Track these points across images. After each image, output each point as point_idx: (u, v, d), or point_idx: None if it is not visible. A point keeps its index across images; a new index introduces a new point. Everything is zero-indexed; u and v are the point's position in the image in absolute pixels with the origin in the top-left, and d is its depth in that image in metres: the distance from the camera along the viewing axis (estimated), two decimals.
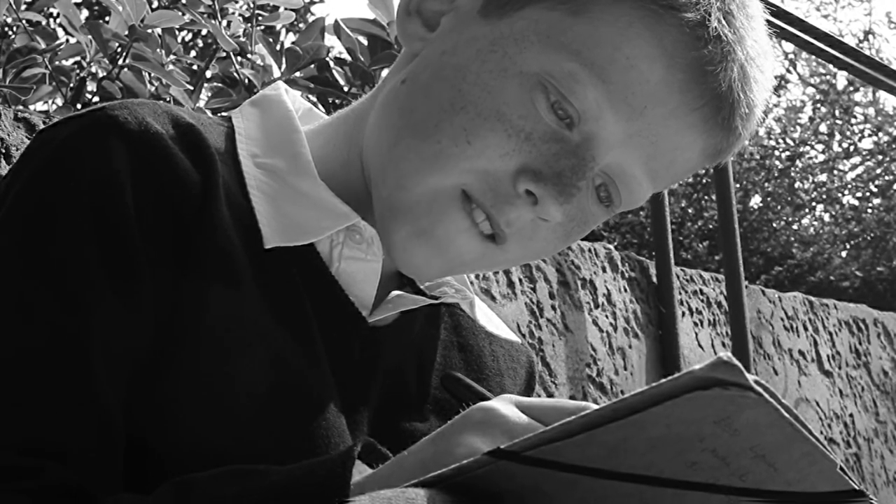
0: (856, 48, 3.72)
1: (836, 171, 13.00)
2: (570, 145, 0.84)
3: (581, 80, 0.83)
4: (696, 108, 0.85)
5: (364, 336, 0.90)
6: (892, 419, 3.55)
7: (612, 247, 2.62)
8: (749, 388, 0.59)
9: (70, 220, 0.78)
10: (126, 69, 1.80)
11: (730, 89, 0.86)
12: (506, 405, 0.72)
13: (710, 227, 10.38)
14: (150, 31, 1.77)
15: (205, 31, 2.27)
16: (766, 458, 0.64)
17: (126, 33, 1.77)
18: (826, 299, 3.47)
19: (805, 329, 3.25)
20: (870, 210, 12.54)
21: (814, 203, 12.67)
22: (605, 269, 2.53)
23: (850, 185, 12.97)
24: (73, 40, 1.92)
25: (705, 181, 10.21)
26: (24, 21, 1.85)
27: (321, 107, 2.03)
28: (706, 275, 2.94)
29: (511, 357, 1.04)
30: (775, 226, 11.58)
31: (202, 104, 1.95)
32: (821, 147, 13.28)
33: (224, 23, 1.91)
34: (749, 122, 0.90)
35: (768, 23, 0.92)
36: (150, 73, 1.83)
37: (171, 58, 1.90)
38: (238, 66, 1.93)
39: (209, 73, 2.10)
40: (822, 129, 13.30)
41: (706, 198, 10.52)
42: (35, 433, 0.74)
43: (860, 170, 13.19)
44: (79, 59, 1.90)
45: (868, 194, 12.87)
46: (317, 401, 0.83)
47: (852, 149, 13.31)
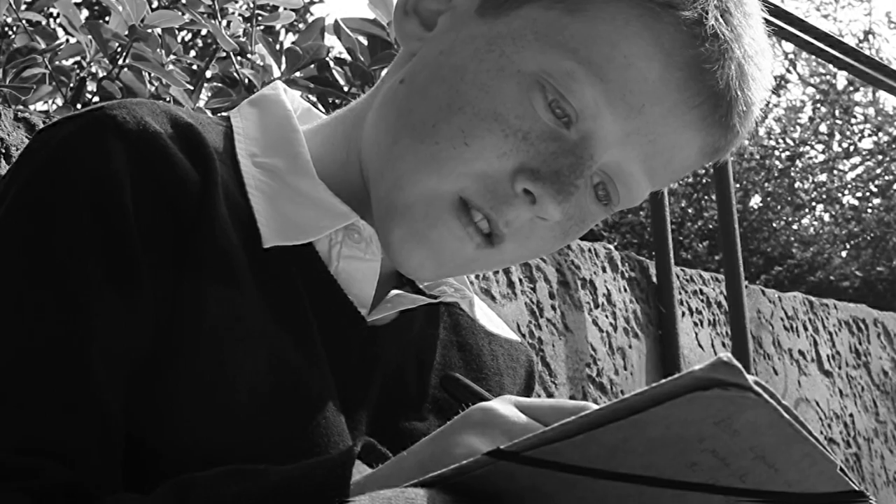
0: (856, 48, 3.73)
1: (836, 171, 12.99)
2: (567, 144, 0.84)
3: (579, 79, 0.83)
4: (694, 106, 0.85)
5: (363, 335, 0.90)
6: (892, 419, 3.55)
7: (611, 247, 2.62)
8: (749, 389, 0.59)
9: (69, 220, 0.78)
10: (126, 69, 1.80)
11: (727, 87, 0.85)
12: (505, 405, 0.72)
13: (710, 227, 10.37)
14: (150, 31, 1.77)
15: (205, 31, 2.27)
16: (766, 458, 0.64)
17: (126, 33, 1.77)
18: (826, 299, 3.47)
19: (805, 329, 3.25)
20: (870, 210, 12.53)
21: (814, 203, 12.66)
22: (605, 269, 2.53)
23: (850, 185, 12.96)
24: (73, 40, 1.92)
25: (705, 181, 10.20)
26: (24, 21, 1.85)
27: (321, 107, 2.03)
28: (706, 275, 2.94)
29: (510, 356, 1.04)
30: (775, 226, 11.57)
31: (202, 104, 1.95)
32: (821, 147, 13.28)
33: (224, 23, 1.91)
34: (747, 120, 0.89)
35: (768, 22, 0.92)
36: (150, 73, 1.83)
37: (171, 58, 1.90)
38: (238, 66, 1.93)
39: (209, 73, 2.10)
40: (822, 129, 13.29)
41: (706, 198, 10.51)
42: (35, 433, 0.74)
43: (860, 170, 13.18)
44: (79, 59, 1.90)
45: (868, 194, 12.86)
46: (316, 400, 0.83)
47: (852, 149, 13.30)
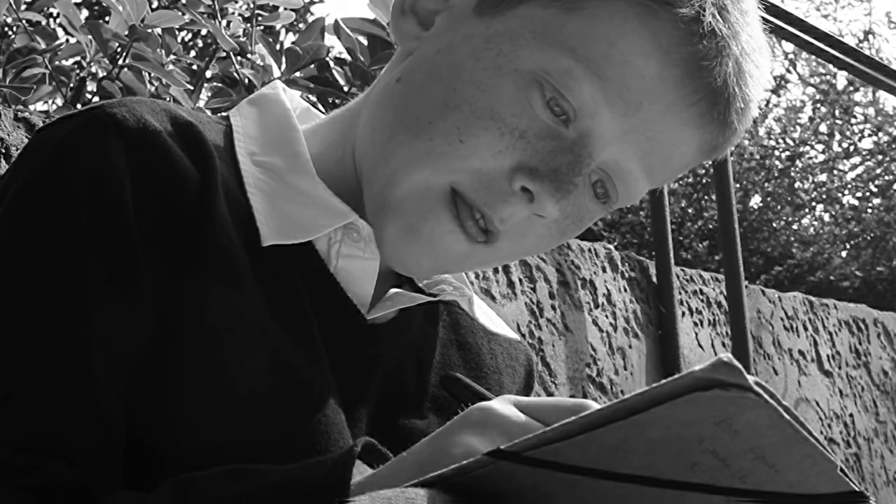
0: (856, 48, 3.73)
1: (836, 171, 12.99)
2: (566, 142, 0.84)
3: (577, 77, 0.83)
4: (692, 104, 0.85)
5: (363, 334, 0.90)
6: (892, 419, 3.55)
7: (611, 247, 2.62)
8: (749, 390, 0.59)
9: (69, 219, 0.78)
10: (126, 69, 1.80)
11: (725, 84, 0.85)
12: (504, 405, 0.72)
13: (710, 227, 10.37)
14: (150, 31, 1.77)
15: (204, 31, 2.27)
16: (766, 459, 0.63)
17: (126, 33, 1.77)
18: (826, 299, 3.47)
19: (805, 329, 3.25)
20: (870, 210, 12.53)
21: (814, 203, 12.66)
22: (605, 269, 2.53)
23: (850, 185, 12.96)
24: (73, 40, 1.92)
25: (705, 181, 10.20)
26: (24, 21, 1.85)
27: (321, 107, 2.03)
28: (706, 275, 2.94)
29: (510, 355, 1.04)
30: (775, 226, 11.57)
31: (202, 104, 1.95)
32: (821, 147, 13.27)
33: (224, 23, 1.91)
34: (745, 117, 0.89)
35: (769, 22, 0.92)
36: (150, 73, 1.83)
37: (171, 58, 1.90)
38: (238, 66, 1.93)
39: (209, 73, 2.10)
40: (822, 129, 13.29)
41: (706, 198, 10.51)
42: (35, 431, 0.74)
43: (860, 170, 13.18)
44: (79, 59, 1.90)
45: (868, 194, 12.86)
46: (316, 399, 0.83)
47: (852, 149, 13.30)
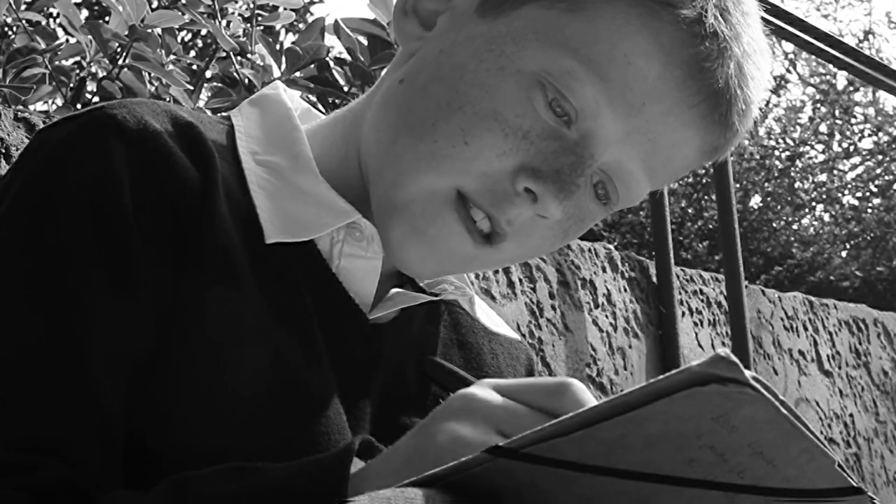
0: (856, 48, 3.72)
1: (836, 171, 12.99)
2: (568, 143, 0.84)
3: (579, 78, 0.83)
4: (694, 105, 0.85)
5: (365, 333, 0.90)
6: (892, 419, 3.55)
7: (611, 247, 2.62)
8: (747, 385, 0.59)
9: (69, 220, 0.78)
10: (126, 69, 1.80)
11: (727, 85, 0.86)
12: (485, 390, 0.72)
13: (710, 227, 10.37)
14: (150, 31, 1.77)
15: (205, 31, 2.27)
16: (764, 454, 0.64)
17: (126, 33, 1.77)
18: (826, 299, 3.46)
19: (805, 329, 3.25)
20: (870, 210, 12.53)
21: (814, 203, 12.66)
22: (605, 269, 2.53)
23: (850, 185, 12.96)
24: (73, 40, 1.92)
25: (705, 181, 10.20)
26: (24, 21, 1.85)
27: (321, 107, 2.03)
28: (706, 275, 2.94)
29: (510, 355, 1.04)
30: (775, 226, 11.57)
31: (202, 104, 1.95)
32: (821, 147, 13.27)
33: (224, 23, 1.91)
34: (746, 119, 0.90)
35: (769, 22, 0.92)
36: (150, 73, 1.83)
37: (171, 58, 1.90)
38: (238, 66, 1.93)
39: (209, 73, 2.10)
40: (822, 129, 13.28)
41: (706, 198, 10.51)
42: (34, 430, 0.74)
43: (860, 170, 13.18)
44: (79, 59, 1.90)
45: (868, 194, 12.85)
46: (317, 398, 0.83)
47: (852, 149, 13.29)
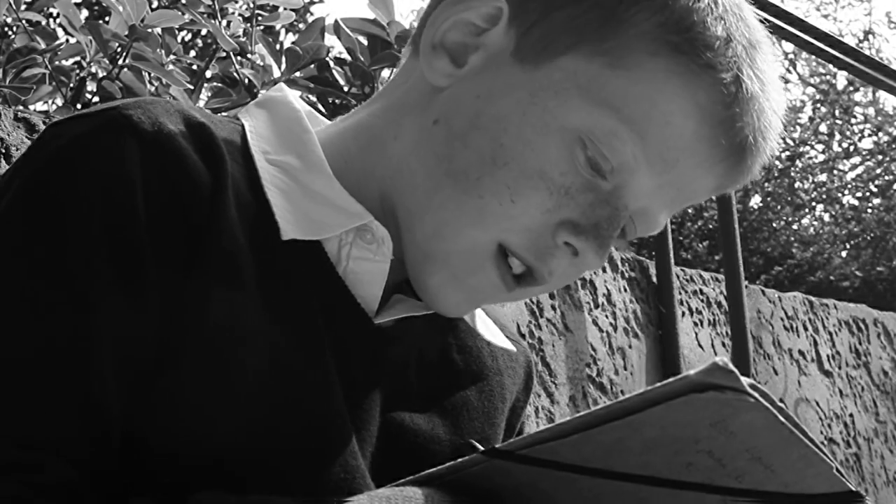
0: (856, 48, 3.71)
1: (836, 171, 13.00)
2: (602, 194, 0.87)
3: (621, 137, 0.85)
4: (722, 160, 0.88)
5: (371, 336, 0.90)
6: (892, 419, 3.55)
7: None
8: (745, 392, 0.59)
9: (79, 218, 0.78)
10: (126, 69, 1.80)
11: (754, 140, 0.89)
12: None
13: (710, 227, 10.37)
14: (150, 31, 1.77)
15: (205, 31, 2.27)
16: (762, 459, 0.64)
17: (126, 33, 1.77)
18: (826, 299, 3.46)
19: (805, 329, 3.25)
20: (870, 210, 12.53)
21: (814, 203, 12.67)
22: (604, 269, 2.53)
23: (850, 185, 12.97)
24: (73, 40, 1.92)
25: None
26: (24, 21, 1.85)
27: (321, 107, 2.03)
28: (706, 275, 2.93)
29: (510, 356, 1.05)
30: (775, 226, 11.57)
31: (202, 104, 1.95)
32: (821, 147, 13.28)
33: (224, 23, 1.91)
34: (759, 168, 0.94)
35: (769, 22, 0.94)
36: (150, 73, 1.83)
37: (171, 58, 1.90)
38: (238, 66, 1.93)
39: (209, 73, 2.10)
40: (822, 129, 13.29)
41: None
42: (38, 430, 0.74)
43: (860, 170, 13.19)
44: (79, 59, 1.90)
45: (868, 194, 12.86)
46: (322, 401, 0.83)
47: (852, 149, 13.30)
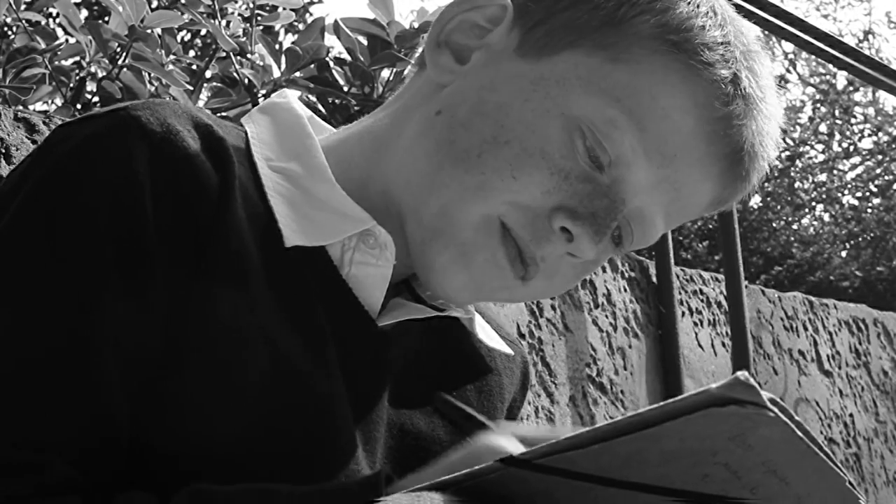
0: (856, 48, 3.71)
1: (835, 171, 13.01)
2: (601, 186, 0.87)
3: (620, 127, 0.86)
4: (719, 160, 0.89)
5: (374, 339, 0.90)
6: (892, 419, 3.55)
7: None
8: (765, 407, 0.60)
9: (87, 218, 0.78)
10: (126, 69, 1.80)
11: (751, 144, 0.90)
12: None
13: (710, 227, 10.38)
14: (149, 31, 1.77)
15: (204, 31, 2.27)
16: (777, 472, 0.65)
17: (126, 33, 1.76)
18: (826, 299, 3.46)
19: (805, 329, 3.25)
20: (870, 210, 12.54)
21: (814, 203, 12.68)
22: (604, 269, 2.53)
23: (849, 185, 12.98)
24: (72, 40, 1.92)
25: None
26: (23, 21, 1.85)
27: (321, 107, 2.03)
28: (706, 275, 2.93)
29: (507, 357, 1.05)
30: (775, 226, 11.58)
31: (202, 104, 1.95)
32: (821, 147, 13.29)
33: (224, 23, 1.91)
34: (757, 176, 0.95)
35: (769, 22, 0.95)
36: (149, 74, 1.83)
37: (171, 58, 1.90)
38: (238, 66, 1.92)
39: (209, 73, 2.10)
40: (822, 128, 13.30)
41: None
42: (43, 430, 0.74)
43: (860, 170, 13.20)
44: (79, 59, 1.90)
45: (868, 194, 12.87)
46: (323, 402, 0.83)
47: (852, 149, 13.31)
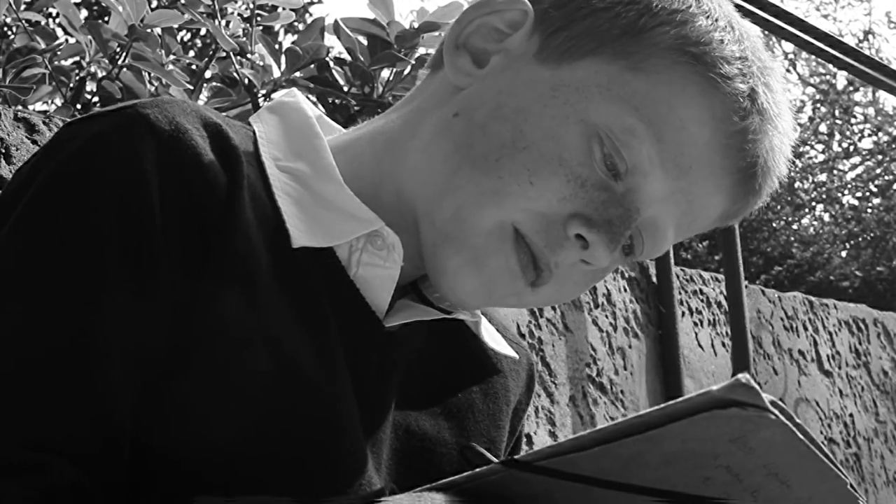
0: (856, 48, 3.71)
1: (836, 171, 13.01)
2: (616, 195, 0.87)
3: (638, 136, 0.86)
4: (733, 173, 0.89)
5: (381, 340, 0.90)
6: (892, 419, 3.55)
7: None
8: (767, 409, 0.60)
9: (94, 218, 0.78)
10: (126, 69, 1.80)
11: (764, 160, 0.91)
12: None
13: None
14: (149, 31, 1.77)
15: (204, 31, 2.27)
16: (778, 475, 0.65)
17: (126, 33, 1.76)
18: (826, 299, 3.46)
19: (805, 329, 3.25)
20: (870, 210, 12.54)
21: (814, 203, 12.68)
22: None
23: (849, 185, 12.98)
24: (72, 40, 1.92)
25: None
26: (23, 21, 1.85)
27: (321, 107, 2.03)
28: (706, 275, 2.93)
29: (512, 360, 1.05)
30: (775, 226, 11.58)
31: (202, 104, 1.95)
32: (821, 147, 13.29)
33: (223, 23, 1.91)
34: (769, 191, 0.95)
35: (769, 22, 0.95)
36: (149, 73, 1.83)
37: (171, 58, 1.90)
38: (238, 66, 1.92)
39: (209, 73, 2.10)
40: (822, 129, 13.30)
41: None
42: (46, 430, 0.74)
43: (860, 170, 13.20)
44: (78, 59, 1.90)
45: (868, 194, 12.87)
46: (331, 403, 0.83)
47: (852, 149, 13.31)
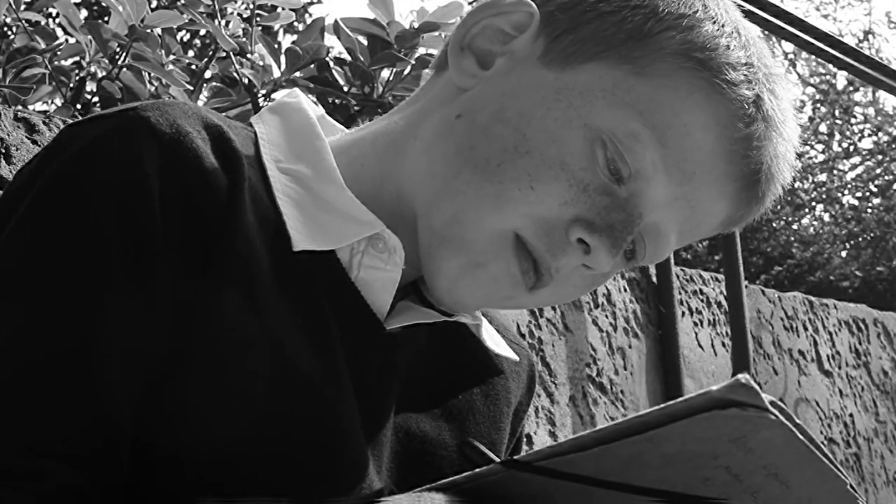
0: (856, 48, 3.71)
1: (836, 171, 13.01)
2: (619, 199, 0.87)
3: (642, 141, 0.86)
4: (737, 179, 0.89)
5: (382, 342, 0.90)
6: (892, 419, 3.55)
7: None
8: (766, 410, 0.60)
9: (95, 219, 0.78)
10: (126, 69, 1.80)
11: (768, 166, 0.90)
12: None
13: None
14: (149, 31, 1.77)
15: (204, 31, 2.27)
16: (778, 476, 0.64)
17: (126, 33, 1.76)
18: (826, 299, 3.46)
19: (805, 329, 3.25)
20: (870, 210, 12.54)
21: (814, 203, 12.68)
22: None
23: (849, 185, 12.98)
24: (72, 40, 1.92)
25: None
26: (23, 21, 1.85)
27: (321, 107, 2.03)
28: (706, 275, 2.93)
29: (513, 361, 1.05)
30: (775, 226, 11.58)
31: (201, 104, 1.95)
32: (821, 147, 13.29)
33: (223, 23, 1.91)
34: (772, 199, 0.95)
35: (769, 22, 0.94)
36: (149, 73, 1.83)
37: (171, 58, 1.90)
38: (238, 66, 1.92)
39: (209, 73, 2.10)
40: (822, 129, 13.30)
41: None
42: (45, 435, 0.74)
43: (860, 170, 13.20)
44: (78, 59, 1.90)
45: (868, 194, 12.87)
46: (332, 406, 0.83)
47: (852, 149, 13.31)
